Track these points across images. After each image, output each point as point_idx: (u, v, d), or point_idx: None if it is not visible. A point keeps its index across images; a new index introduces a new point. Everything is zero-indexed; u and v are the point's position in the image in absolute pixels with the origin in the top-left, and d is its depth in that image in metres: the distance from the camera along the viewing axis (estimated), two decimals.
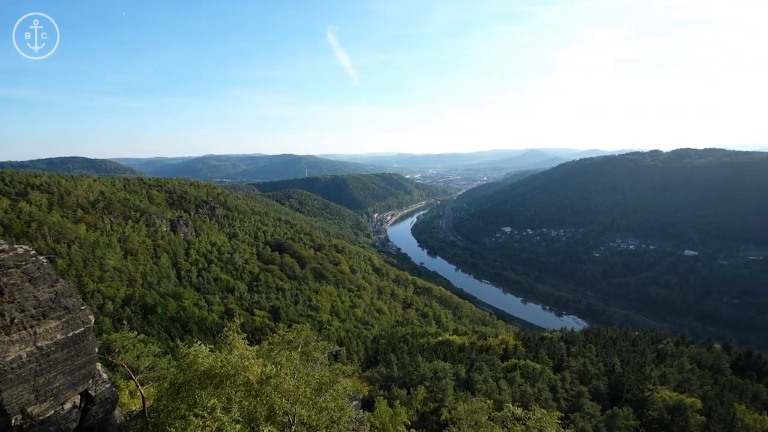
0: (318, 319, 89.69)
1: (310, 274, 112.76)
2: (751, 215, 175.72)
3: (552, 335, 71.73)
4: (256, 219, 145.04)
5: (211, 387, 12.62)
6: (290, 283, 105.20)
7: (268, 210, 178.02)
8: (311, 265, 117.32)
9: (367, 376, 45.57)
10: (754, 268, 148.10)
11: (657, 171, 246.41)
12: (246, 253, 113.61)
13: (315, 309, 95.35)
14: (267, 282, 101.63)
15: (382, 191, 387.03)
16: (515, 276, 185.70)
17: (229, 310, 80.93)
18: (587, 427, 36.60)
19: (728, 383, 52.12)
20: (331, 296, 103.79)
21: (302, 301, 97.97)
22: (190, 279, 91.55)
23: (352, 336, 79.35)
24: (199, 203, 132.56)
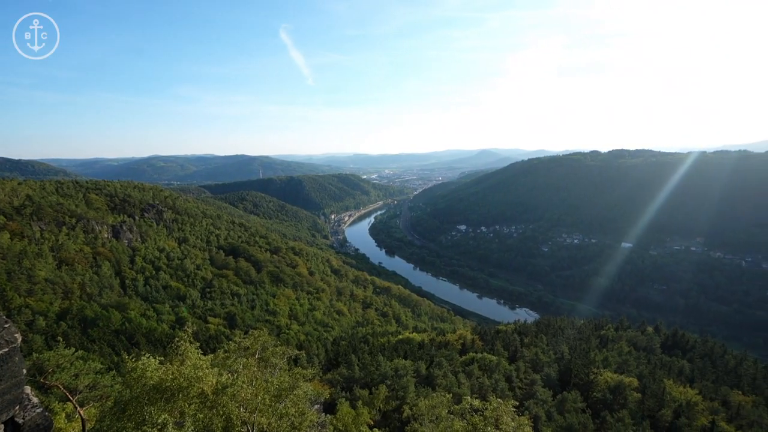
0: (276, 324, 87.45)
1: (266, 277, 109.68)
2: (675, 209, 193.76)
3: (506, 328, 74.90)
4: (208, 222, 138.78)
5: (162, 402, 11.90)
6: (246, 288, 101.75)
7: (220, 213, 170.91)
8: (268, 269, 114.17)
9: (329, 379, 45.14)
10: (678, 257, 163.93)
11: (597, 170, 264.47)
12: (198, 259, 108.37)
13: (273, 313, 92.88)
14: (221, 288, 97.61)
15: (339, 192, 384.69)
16: (471, 272, 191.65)
17: (181, 319, 76.81)
18: (540, 413, 38.60)
19: (659, 362, 57.20)
20: (290, 300, 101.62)
21: (259, 305, 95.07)
22: (136, 288, 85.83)
23: (312, 339, 78.18)
24: (145, 207, 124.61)
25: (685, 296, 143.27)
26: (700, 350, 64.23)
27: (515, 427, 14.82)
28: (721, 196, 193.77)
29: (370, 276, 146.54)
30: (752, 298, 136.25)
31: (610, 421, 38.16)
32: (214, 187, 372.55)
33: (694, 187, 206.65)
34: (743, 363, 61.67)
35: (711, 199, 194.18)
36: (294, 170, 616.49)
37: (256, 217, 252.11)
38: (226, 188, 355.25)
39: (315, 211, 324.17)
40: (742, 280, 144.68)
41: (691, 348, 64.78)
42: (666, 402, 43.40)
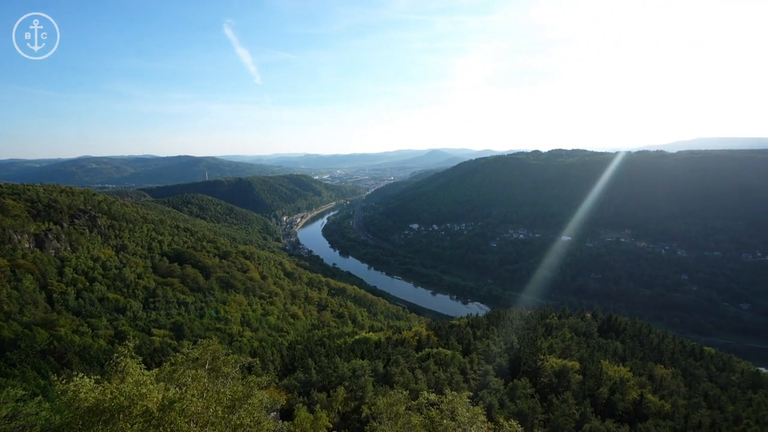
0: (228, 332, 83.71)
1: (216, 284, 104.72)
2: (606, 204, 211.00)
3: (460, 322, 77.32)
4: (150, 228, 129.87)
5: (100, 425, 11.00)
6: (194, 296, 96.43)
7: (163, 217, 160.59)
8: (217, 275, 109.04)
9: (285, 385, 44.09)
10: (610, 248, 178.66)
11: (538, 169, 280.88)
12: (139, 267, 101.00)
13: (224, 321, 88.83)
14: (166, 297, 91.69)
15: (291, 193, 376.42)
16: (424, 270, 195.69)
17: (121, 333, 71.18)
18: (493, 401, 40.31)
19: (596, 345, 61.96)
20: (241, 306, 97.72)
21: (209, 313, 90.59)
22: (66, 302, 78.26)
23: (267, 345, 75.76)
24: (75, 213, 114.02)
25: (616, 283, 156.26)
26: (630, 331, 70.40)
27: (470, 417, 15.36)
28: (643, 191, 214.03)
29: (325, 277, 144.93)
30: (670, 282, 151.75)
31: (556, 403, 40.74)
32: (155, 190, 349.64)
33: (621, 183, 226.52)
34: (664, 340, 68.60)
35: (635, 194, 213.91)
36: (243, 171, 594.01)
37: (203, 221, 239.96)
38: (169, 191, 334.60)
39: (266, 213, 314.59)
40: (662, 267, 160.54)
41: (623, 330, 70.80)
42: (603, 381, 47.19)
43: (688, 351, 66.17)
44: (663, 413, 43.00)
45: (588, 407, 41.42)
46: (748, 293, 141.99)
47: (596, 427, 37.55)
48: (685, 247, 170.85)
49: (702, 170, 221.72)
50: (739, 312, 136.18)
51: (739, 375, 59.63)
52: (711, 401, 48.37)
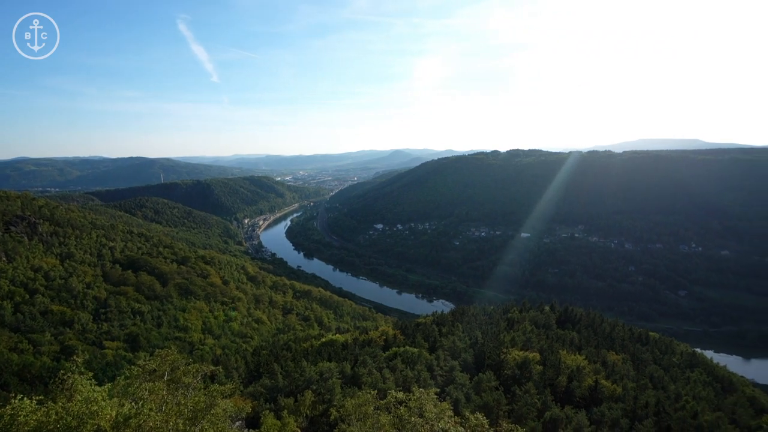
0: (188, 340, 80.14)
1: (174, 291, 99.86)
2: (561, 201, 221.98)
3: (426, 320, 78.34)
4: (99, 234, 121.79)
5: None
6: (150, 305, 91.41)
7: (115, 223, 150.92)
8: (175, 281, 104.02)
9: (250, 392, 42.85)
10: (565, 243, 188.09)
11: (498, 168, 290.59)
12: (88, 276, 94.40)
13: (183, 329, 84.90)
14: (119, 307, 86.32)
15: (252, 195, 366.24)
16: (389, 270, 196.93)
17: (68, 348, 66.25)
18: (460, 396, 41.19)
19: (555, 336, 64.89)
20: (202, 313, 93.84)
21: (167, 322, 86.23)
22: (2, 318, 71.87)
23: (230, 352, 73.17)
24: (11, 219, 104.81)
25: (572, 276, 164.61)
26: (585, 322, 74.34)
27: (437, 413, 15.62)
28: (594, 189, 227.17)
29: (289, 280, 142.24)
30: (619, 273, 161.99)
31: (519, 393, 42.29)
32: (105, 194, 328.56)
33: (574, 181, 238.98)
34: (615, 328, 73.07)
35: (587, 191, 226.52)
36: (201, 173, 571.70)
37: (159, 226, 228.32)
38: (120, 195, 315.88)
39: (226, 216, 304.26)
40: (611, 259, 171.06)
41: (579, 321, 74.63)
42: (562, 370, 49.54)
43: (635, 337, 70.88)
44: (615, 396, 45.76)
45: (548, 396, 43.34)
46: (686, 281, 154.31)
47: (556, 414, 39.33)
48: (631, 240, 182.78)
49: (643, 169, 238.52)
50: (677, 299, 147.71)
51: (679, 356, 64.77)
52: (656, 382, 52.11)
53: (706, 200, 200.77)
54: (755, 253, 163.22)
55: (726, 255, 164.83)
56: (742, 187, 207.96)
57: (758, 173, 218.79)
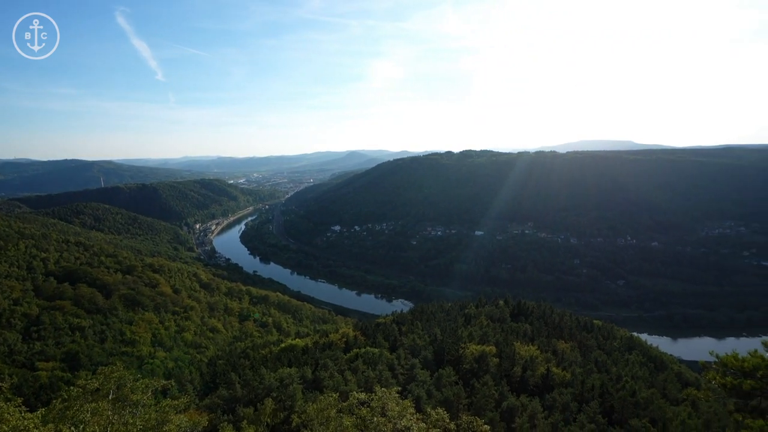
0: (136, 355, 75.05)
1: (119, 303, 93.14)
2: (512, 200, 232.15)
3: (386, 320, 78.95)
4: (29, 244, 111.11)
5: None
6: (92, 319, 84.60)
7: (47, 231, 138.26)
8: (120, 292, 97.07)
9: (207, 404, 41.10)
10: (516, 239, 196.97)
11: (451, 168, 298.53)
12: (15, 291, 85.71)
13: (131, 343, 79.38)
14: (55, 323, 79.12)
15: (204, 199, 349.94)
16: (348, 271, 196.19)
17: None
18: (421, 393, 41.98)
19: (509, 329, 67.85)
20: (152, 324, 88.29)
21: (111, 337, 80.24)
22: None
23: (184, 364, 69.53)
24: None
25: (523, 271, 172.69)
26: (536, 314, 78.32)
27: (399, 411, 15.92)
28: (541, 187, 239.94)
29: (245, 286, 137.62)
30: (566, 267, 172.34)
31: (477, 386, 43.80)
32: (34, 200, 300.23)
33: (524, 180, 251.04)
34: (564, 318, 77.67)
35: (535, 190, 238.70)
36: (147, 176, 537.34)
37: (101, 234, 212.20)
38: (53, 201, 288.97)
39: (176, 221, 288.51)
40: (559, 254, 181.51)
41: (531, 313, 78.50)
42: (516, 361, 51.93)
43: (582, 326, 75.75)
44: (565, 382, 48.67)
45: (505, 386, 45.28)
46: (623, 271, 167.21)
47: (512, 403, 41.20)
48: (576, 235, 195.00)
49: (585, 168, 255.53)
50: (617, 288, 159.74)
51: (619, 341, 70.11)
52: (600, 366, 56.05)
53: (637, 196, 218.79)
54: (678, 243, 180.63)
55: (655, 246, 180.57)
56: (666, 185, 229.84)
57: (679, 172, 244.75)
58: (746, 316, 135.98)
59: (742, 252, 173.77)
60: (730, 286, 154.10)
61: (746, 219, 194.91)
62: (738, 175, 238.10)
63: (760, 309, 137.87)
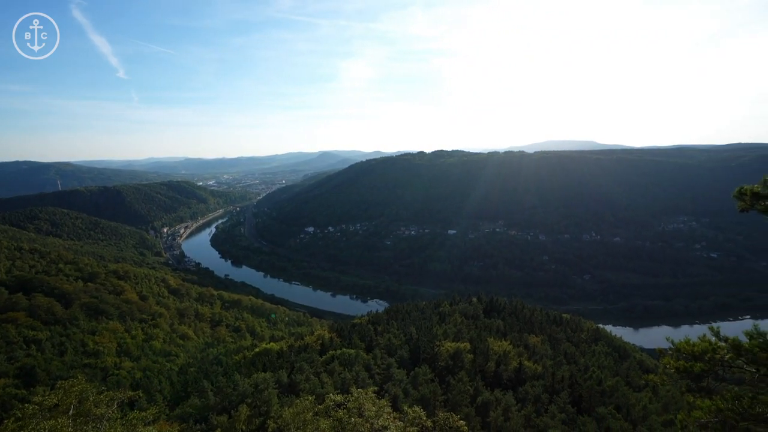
0: (100, 366, 71.51)
1: (80, 312, 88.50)
2: (483, 199, 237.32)
3: (361, 320, 78.94)
4: None
5: None
6: (50, 330, 79.92)
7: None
8: (82, 301, 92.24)
9: (178, 414, 39.85)
10: (488, 237, 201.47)
11: (424, 168, 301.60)
12: None
13: (94, 354, 75.56)
14: (7, 337, 74.26)
15: (171, 202, 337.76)
16: (322, 273, 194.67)
17: None
18: (398, 392, 42.31)
19: (483, 325, 69.42)
20: (117, 333, 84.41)
21: (72, 348, 76.14)
22: None
23: (152, 374, 66.81)
24: None
25: (495, 268, 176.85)
26: (508, 310, 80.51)
27: (376, 411, 16.04)
28: (511, 186, 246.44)
29: (217, 290, 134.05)
30: (535, 263, 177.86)
31: (453, 383, 44.59)
32: None
33: (494, 180, 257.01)
34: (534, 313, 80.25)
35: (505, 188, 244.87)
36: (110, 179, 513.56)
37: (59, 240, 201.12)
38: (3, 205, 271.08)
39: (142, 225, 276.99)
40: (529, 251, 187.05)
41: (503, 309, 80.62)
42: (490, 356, 53.22)
43: (551, 319, 78.48)
44: (536, 375, 50.34)
45: (479, 381, 46.34)
46: (588, 266, 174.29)
47: (487, 398, 42.22)
48: (544, 232, 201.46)
49: (551, 167, 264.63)
50: (583, 282, 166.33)
51: (586, 333, 73.17)
52: (569, 358, 58.32)
53: (600, 194, 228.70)
54: (638, 238, 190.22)
55: (617, 241, 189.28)
56: (626, 182, 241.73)
57: (638, 171, 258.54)
58: (698, 304, 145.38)
59: (694, 245, 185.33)
60: (684, 278, 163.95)
61: (697, 214, 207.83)
62: (690, 173, 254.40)
63: (710, 298, 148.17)
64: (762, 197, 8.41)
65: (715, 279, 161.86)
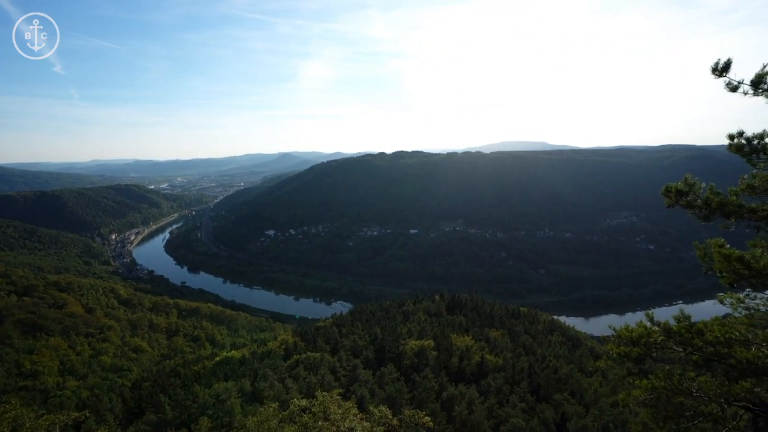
0: (39, 388, 65.97)
1: (14, 329, 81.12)
2: (443, 198, 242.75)
3: (326, 323, 78.36)
4: None
5: None
6: None
7: None
8: (16, 317, 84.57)
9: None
10: (449, 236, 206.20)
11: (384, 169, 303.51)
12: None
13: (32, 375, 69.51)
14: None
15: (120, 207, 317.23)
16: (285, 276, 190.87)
17: None
18: (364, 392, 42.47)
19: (446, 322, 71.15)
20: (59, 351, 78.17)
21: (5, 370, 69.68)
22: None
23: (102, 391, 62.31)
24: None
25: (456, 266, 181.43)
26: (470, 306, 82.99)
27: (342, 413, 16.12)
28: (469, 185, 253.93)
29: (173, 299, 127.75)
30: (494, 259, 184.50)
31: (418, 380, 45.42)
32: None
33: (453, 179, 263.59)
34: (494, 308, 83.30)
35: (464, 188, 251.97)
36: (47, 183, 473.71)
37: None
38: None
39: (86, 233, 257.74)
40: (488, 248, 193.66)
41: (465, 305, 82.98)
42: (453, 352, 54.69)
43: (510, 313, 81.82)
44: (498, 367, 52.35)
45: (444, 377, 47.53)
46: (543, 261, 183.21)
47: (452, 393, 43.38)
48: (502, 230, 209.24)
49: (506, 167, 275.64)
50: (539, 276, 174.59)
51: (542, 324, 77.00)
52: (527, 349, 61.11)
53: (552, 192, 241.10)
54: (587, 233, 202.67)
55: (569, 237, 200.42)
56: (575, 181, 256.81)
57: (585, 170, 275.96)
58: (640, 293, 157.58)
59: (635, 238, 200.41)
60: (627, 268, 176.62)
61: (636, 210, 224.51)
62: (629, 172, 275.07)
63: (649, 286, 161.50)
64: (684, 194, 9.46)
65: (653, 269, 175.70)
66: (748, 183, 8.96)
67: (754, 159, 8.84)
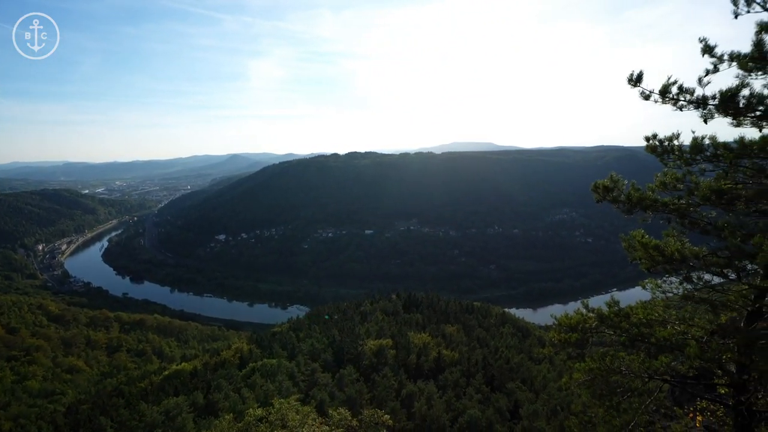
0: None
1: None
2: (397, 198, 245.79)
3: (282, 328, 76.72)
4: None
5: None
6: None
7: None
8: None
9: None
10: (404, 235, 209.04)
11: (338, 170, 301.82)
12: None
13: None
14: None
15: (48, 213, 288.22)
16: (237, 282, 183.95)
17: None
18: (324, 396, 42.22)
19: (403, 320, 72.35)
20: None
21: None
22: None
23: (29, 420, 56.68)
24: None
25: (412, 265, 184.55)
26: (426, 303, 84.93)
27: (300, 419, 16.05)
28: (422, 185, 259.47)
29: (113, 312, 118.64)
30: (447, 257, 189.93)
31: (378, 379, 45.91)
32: None
33: (406, 179, 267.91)
34: (449, 304, 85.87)
35: (418, 187, 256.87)
36: None
37: None
38: None
39: (6, 244, 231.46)
40: (441, 246, 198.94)
41: (421, 303, 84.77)
42: (411, 349, 55.77)
43: (464, 309, 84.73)
44: (454, 362, 54.11)
45: (403, 375, 48.38)
46: (493, 257, 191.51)
47: (411, 390, 44.31)
48: (454, 228, 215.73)
49: (457, 167, 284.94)
50: (489, 272, 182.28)
51: (494, 318, 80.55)
52: (482, 342, 63.71)
53: (500, 190, 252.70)
54: (532, 229, 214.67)
55: (516, 233, 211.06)
56: (521, 180, 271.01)
57: (529, 169, 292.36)
58: (580, 283, 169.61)
59: (575, 233, 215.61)
60: (569, 261, 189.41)
61: (575, 206, 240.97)
62: (568, 171, 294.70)
63: (589, 276, 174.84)
64: (610, 190, 10.58)
65: (592, 260, 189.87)
66: (661, 180, 10.19)
67: (665, 159, 10.07)
